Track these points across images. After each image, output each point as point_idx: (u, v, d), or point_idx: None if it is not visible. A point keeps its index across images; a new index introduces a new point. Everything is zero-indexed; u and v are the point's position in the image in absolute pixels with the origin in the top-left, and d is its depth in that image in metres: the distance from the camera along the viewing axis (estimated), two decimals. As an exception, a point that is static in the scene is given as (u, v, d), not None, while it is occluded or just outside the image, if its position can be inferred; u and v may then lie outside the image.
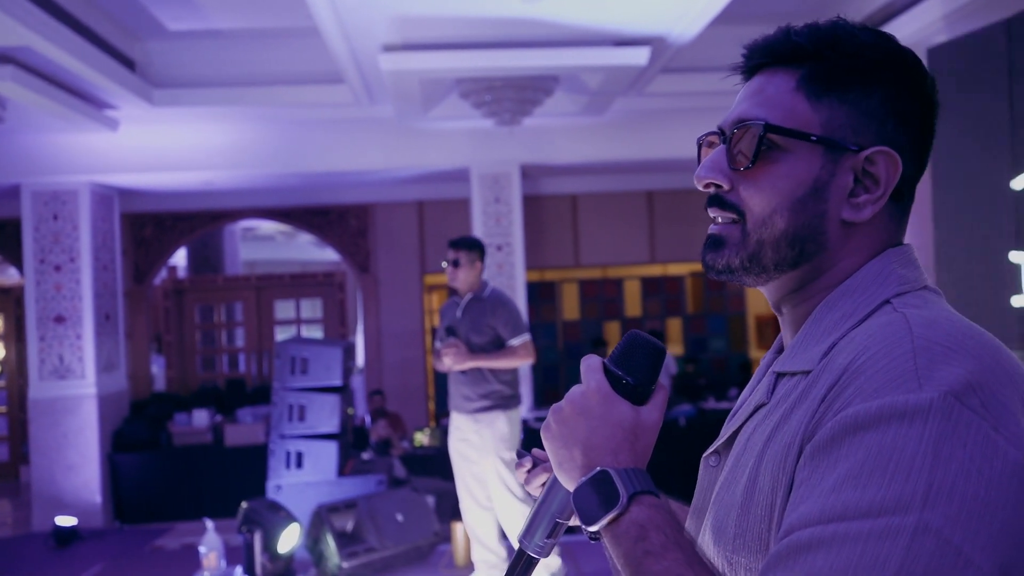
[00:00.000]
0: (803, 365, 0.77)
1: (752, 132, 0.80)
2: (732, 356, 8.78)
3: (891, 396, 0.66)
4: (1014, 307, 3.68)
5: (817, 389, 0.72)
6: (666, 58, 5.01)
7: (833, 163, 0.79)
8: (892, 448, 0.64)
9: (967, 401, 0.65)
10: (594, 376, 0.84)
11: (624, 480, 0.77)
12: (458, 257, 4.09)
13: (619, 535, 0.76)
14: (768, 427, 0.77)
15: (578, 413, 0.82)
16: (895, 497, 0.63)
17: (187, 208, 8.06)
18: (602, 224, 8.41)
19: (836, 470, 0.66)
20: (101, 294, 6.45)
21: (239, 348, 9.17)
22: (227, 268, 10.10)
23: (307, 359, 4.61)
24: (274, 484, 4.61)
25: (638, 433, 0.81)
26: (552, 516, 0.87)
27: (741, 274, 0.83)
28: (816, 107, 0.79)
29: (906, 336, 0.69)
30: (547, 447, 0.84)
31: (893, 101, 0.79)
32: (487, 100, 5.22)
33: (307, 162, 6.47)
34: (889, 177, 0.79)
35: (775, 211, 0.79)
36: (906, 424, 0.64)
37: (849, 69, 0.79)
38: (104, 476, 6.34)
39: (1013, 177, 3.68)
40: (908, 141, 0.80)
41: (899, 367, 0.67)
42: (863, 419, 0.66)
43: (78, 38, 4.41)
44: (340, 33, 4.35)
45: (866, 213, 0.79)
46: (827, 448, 0.68)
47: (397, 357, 8.40)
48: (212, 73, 5.51)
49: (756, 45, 0.84)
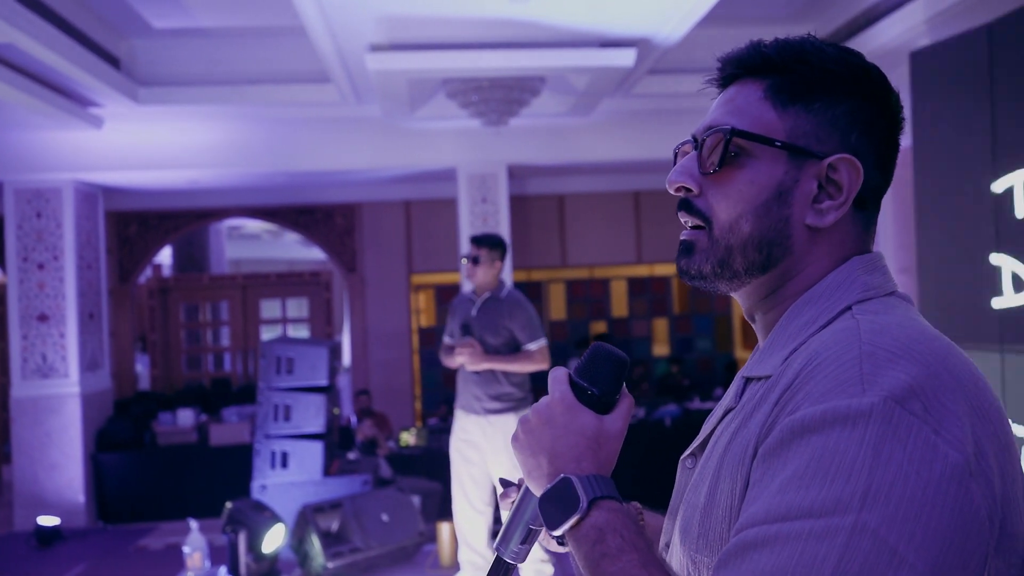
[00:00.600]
0: (766, 370, 0.80)
1: (719, 137, 0.83)
2: (718, 356, 8.83)
3: (835, 400, 0.68)
4: (994, 309, 3.72)
5: (774, 393, 0.75)
6: (652, 59, 5.04)
7: (797, 169, 0.82)
8: (834, 451, 0.66)
9: (908, 405, 0.67)
10: (559, 387, 0.87)
11: (585, 486, 0.80)
12: (479, 254, 4.01)
13: (579, 538, 0.79)
14: (732, 430, 0.79)
15: (543, 423, 0.85)
16: (835, 498, 0.65)
17: (172, 207, 8.02)
18: (589, 224, 8.43)
19: (783, 472, 0.68)
20: (85, 292, 6.41)
21: (224, 347, 9.13)
22: (212, 267, 10.05)
23: (293, 359, 4.60)
24: (259, 484, 4.60)
25: (601, 441, 0.84)
26: (526, 523, 0.90)
27: (713, 280, 0.85)
28: (782, 115, 0.82)
29: (855, 342, 0.72)
30: (516, 456, 0.88)
31: (857, 112, 0.82)
32: (474, 100, 5.23)
33: (294, 161, 6.45)
34: (851, 184, 0.81)
35: (741, 215, 0.82)
36: (848, 427, 0.66)
37: (815, 81, 0.82)
38: (87, 475, 6.30)
39: (994, 180, 3.72)
40: (871, 151, 0.83)
41: (845, 372, 0.70)
42: (809, 422, 0.69)
43: (62, 35, 4.38)
44: (327, 32, 4.35)
45: (829, 219, 0.82)
46: (776, 450, 0.70)
47: (383, 357, 8.39)
48: (198, 71, 5.49)
49: (728, 57, 0.88)
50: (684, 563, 0.81)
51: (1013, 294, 3.65)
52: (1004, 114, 3.67)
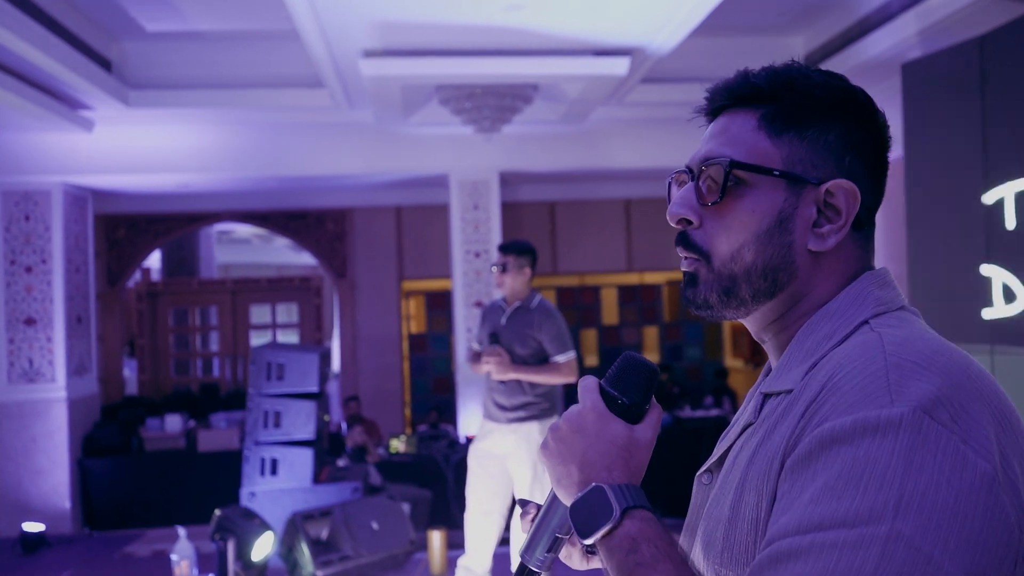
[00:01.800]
0: (787, 384, 0.81)
1: (718, 168, 0.84)
2: (707, 364, 8.84)
3: (864, 411, 0.69)
4: (985, 319, 3.74)
5: (798, 406, 0.76)
6: (646, 68, 5.05)
7: (796, 196, 0.84)
8: (866, 460, 0.67)
9: (937, 415, 0.68)
10: (590, 396, 0.88)
11: (618, 495, 0.81)
12: (506, 262, 3.98)
13: (612, 548, 0.80)
14: (754, 444, 0.80)
15: (574, 431, 0.87)
16: (868, 507, 0.66)
17: (162, 210, 7.97)
18: (580, 232, 8.44)
19: (814, 483, 0.69)
20: (73, 296, 6.36)
21: (213, 352, 9.08)
22: (202, 271, 10.00)
23: (283, 365, 4.57)
24: (248, 491, 4.56)
25: (632, 450, 0.86)
26: (552, 531, 0.90)
27: (720, 308, 0.87)
28: (777, 144, 0.84)
29: (880, 354, 0.73)
30: (546, 464, 0.89)
31: (848, 135, 0.84)
32: (467, 107, 5.23)
33: (285, 166, 6.43)
34: (849, 208, 0.83)
35: (743, 245, 0.84)
36: (879, 437, 0.67)
37: (805, 108, 0.84)
38: (73, 481, 6.24)
39: (985, 191, 3.74)
40: (864, 172, 0.85)
41: (872, 383, 0.71)
42: (838, 433, 0.69)
43: (53, 37, 4.35)
44: (320, 37, 4.34)
45: (830, 242, 0.84)
46: (805, 462, 0.71)
47: (374, 363, 8.36)
48: (190, 75, 5.47)
49: (717, 88, 0.89)
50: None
51: (1003, 304, 3.67)
52: (995, 126, 3.70)
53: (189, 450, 6.42)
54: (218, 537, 3.91)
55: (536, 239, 8.25)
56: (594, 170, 6.90)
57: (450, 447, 6.31)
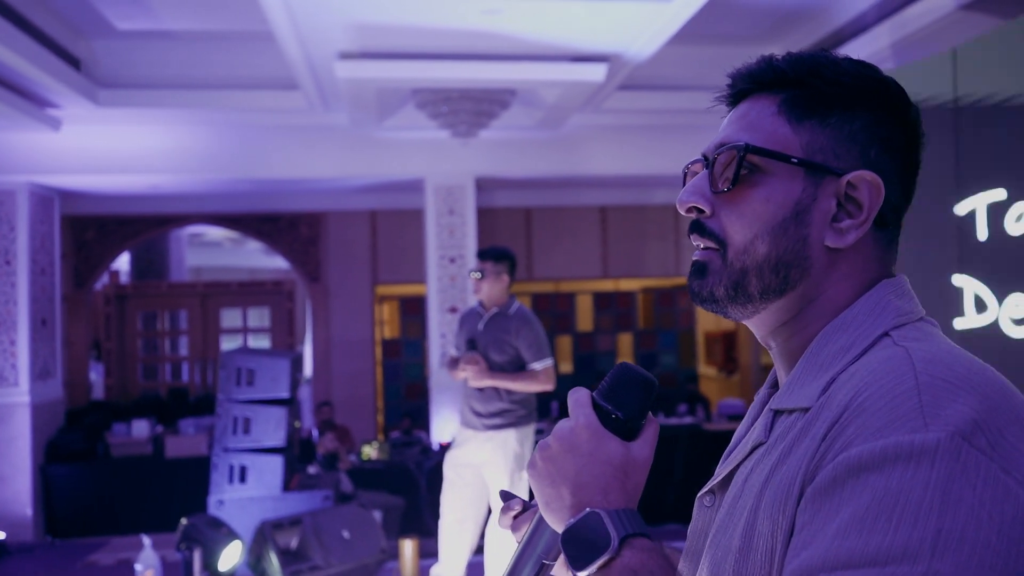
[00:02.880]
0: (801, 402, 0.74)
1: (732, 154, 0.79)
2: (681, 371, 8.86)
3: (896, 436, 0.63)
4: (956, 329, 3.77)
5: (817, 427, 0.69)
6: (623, 75, 5.05)
7: (815, 187, 0.78)
8: (898, 491, 0.61)
9: (975, 441, 0.62)
10: (582, 411, 0.81)
11: (615, 522, 0.74)
12: (484, 268, 3.96)
13: None
14: (767, 467, 0.74)
15: (566, 450, 0.79)
16: (903, 544, 0.60)
17: (131, 212, 7.84)
18: (555, 238, 8.43)
19: (840, 514, 0.63)
20: (38, 298, 6.22)
21: (183, 357, 8.94)
22: (172, 274, 9.85)
23: (253, 370, 4.50)
24: (216, 499, 4.47)
25: (628, 471, 0.78)
26: (539, 557, 0.83)
27: (726, 304, 0.80)
28: (797, 130, 0.78)
29: (909, 372, 0.67)
30: (533, 485, 0.81)
31: (876, 127, 0.78)
32: (443, 111, 5.20)
33: (258, 168, 6.35)
34: (872, 202, 0.77)
35: (756, 236, 0.78)
36: (912, 466, 0.62)
37: (830, 95, 0.78)
38: (36, 488, 6.09)
39: (957, 202, 3.77)
40: (892, 167, 0.79)
41: (903, 405, 0.65)
42: (867, 460, 0.63)
43: (20, 33, 4.26)
44: (296, 39, 4.28)
45: (850, 238, 0.78)
46: (829, 491, 0.65)
47: (346, 368, 8.27)
48: (161, 74, 5.38)
49: (739, 73, 0.83)
50: None
51: (975, 315, 3.70)
52: (967, 137, 3.74)
53: (156, 456, 6.30)
54: (184, 547, 3.83)
55: (512, 245, 8.22)
56: (570, 176, 6.89)
57: (423, 454, 6.25)
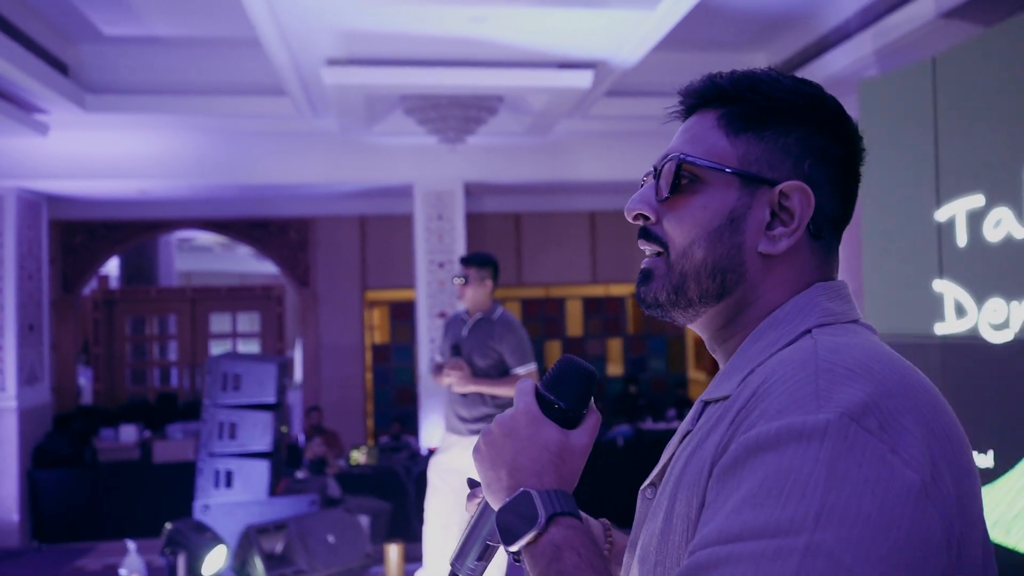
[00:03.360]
0: (725, 391, 0.79)
1: (672, 164, 0.84)
2: (671, 377, 8.89)
3: (790, 417, 0.67)
4: (937, 334, 3.80)
5: (731, 413, 0.74)
6: (609, 82, 5.08)
7: (750, 196, 0.82)
8: (789, 468, 0.65)
9: (864, 422, 0.65)
10: (524, 399, 0.85)
11: (545, 501, 0.78)
12: (468, 274, 3.98)
13: (536, 555, 0.77)
14: (687, 453, 0.78)
15: (505, 435, 0.84)
16: (789, 517, 0.63)
17: (120, 217, 7.83)
18: (545, 243, 8.45)
19: (738, 491, 0.67)
20: (25, 304, 6.21)
21: (172, 362, 8.92)
22: (161, 279, 9.84)
23: (240, 375, 4.50)
24: (202, 504, 4.47)
25: (565, 456, 0.83)
26: (483, 539, 0.87)
27: (669, 309, 0.85)
28: (734, 142, 0.83)
29: (811, 360, 0.71)
30: (477, 468, 0.86)
31: (810, 140, 0.82)
32: (432, 117, 5.21)
33: (247, 174, 6.35)
34: (803, 211, 0.81)
35: (694, 241, 0.82)
36: (803, 444, 0.65)
37: (767, 109, 0.83)
38: (22, 493, 6.07)
39: (937, 208, 3.81)
40: (825, 179, 0.83)
41: (801, 389, 0.68)
42: (763, 440, 0.67)
43: (6, 39, 4.26)
44: (283, 45, 4.29)
45: (781, 246, 0.81)
46: (731, 470, 0.69)
47: (336, 374, 8.27)
48: (149, 80, 5.38)
49: (687, 89, 0.89)
50: None
51: (955, 320, 3.74)
52: (947, 144, 3.77)
53: (144, 461, 6.29)
54: (168, 551, 3.82)
55: (501, 250, 8.25)
56: (559, 182, 6.92)
57: (411, 459, 6.25)
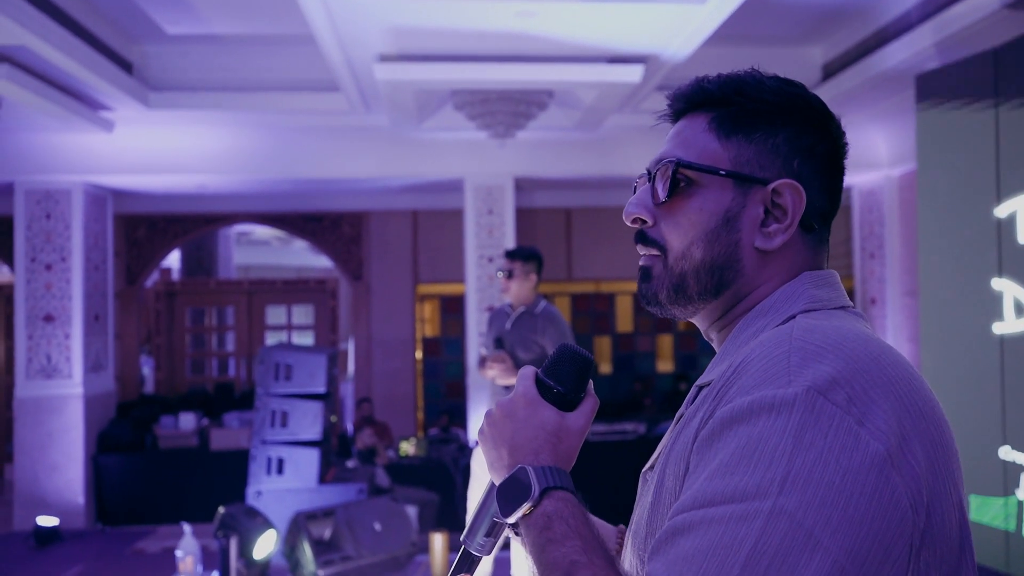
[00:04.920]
0: (715, 376, 0.82)
1: (667, 168, 0.88)
2: (722, 375, 8.78)
3: (763, 391, 0.71)
4: (995, 334, 3.69)
5: (715, 391, 0.78)
6: (660, 76, 5.04)
7: (744, 196, 0.86)
8: (759, 439, 0.69)
9: (831, 396, 0.69)
10: (523, 383, 0.91)
11: (539, 476, 0.83)
12: (512, 268, 4.03)
13: (530, 525, 0.82)
14: (676, 432, 0.83)
15: (505, 416, 0.89)
16: (756, 483, 0.67)
17: (181, 211, 8.06)
18: (595, 239, 8.43)
19: (713, 461, 0.71)
20: (91, 294, 6.45)
21: (229, 352, 9.16)
22: (220, 272, 10.10)
23: (291, 365, 4.61)
24: (254, 490, 4.60)
25: (561, 436, 0.88)
26: (491, 516, 0.91)
27: (668, 306, 0.90)
28: (725, 145, 0.87)
29: (786, 339, 0.75)
30: (481, 448, 0.91)
31: (797, 139, 0.87)
32: (481, 112, 5.25)
33: (301, 168, 6.48)
34: (795, 207, 0.85)
35: (692, 242, 0.87)
36: (772, 416, 0.69)
37: (754, 112, 0.87)
38: (88, 477, 6.31)
39: (997, 205, 3.70)
40: (814, 175, 0.87)
41: (774, 366, 0.73)
42: (738, 413, 0.72)
43: (75, 39, 4.43)
44: (336, 42, 4.38)
45: (776, 241, 0.86)
46: (709, 441, 0.73)
47: (387, 366, 8.39)
48: (208, 77, 5.54)
49: (676, 94, 0.93)
50: (634, 563, 0.83)
51: (1014, 319, 3.62)
52: (1008, 138, 3.66)
53: (201, 448, 6.48)
54: (221, 534, 3.94)
55: (551, 245, 8.26)
56: (609, 177, 6.90)
57: (459, 451, 6.32)
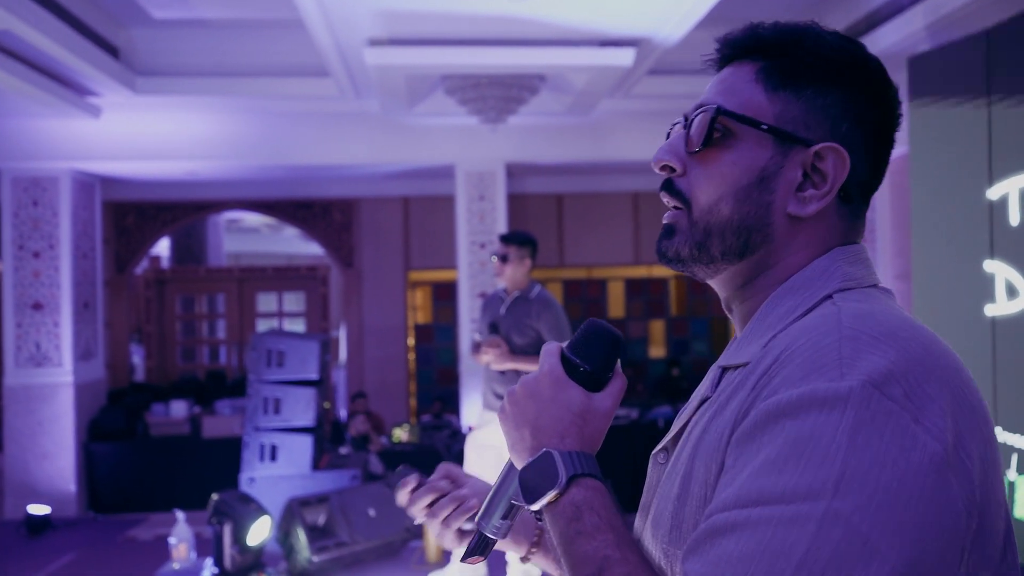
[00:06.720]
0: (744, 358, 0.78)
1: (706, 115, 0.81)
2: (714, 359, 8.77)
3: (813, 383, 0.66)
4: (987, 316, 3.71)
5: (752, 379, 0.73)
6: (652, 60, 5.02)
7: (783, 155, 0.80)
8: (810, 435, 0.64)
9: (887, 391, 0.64)
10: (548, 360, 0.85)
11: (566, 462, 0.78)
12: (507, 252, 4.02)
13: (556, 515, 0.77)
14: (706, 419, 0.78)
15: (529, 395, 0.84)
16: (807, 484, 0.63)
17: (170, 198, 8.01)
18: (587, 224, 8.42)
19: (757, 457, 0.66)
20: (80, 282, 6.40)
21: (220, 340, 9.13)
22: (211, 259, 10.05)
23: (283, 352, 4.59)
24: (247, 476, 4.59)
25: (587, 418, 0.82)
26: (508, 498, 0.88)
27: (690, 263, 0.84)
28: (772, 98, 0.80)
29: (835, 326, 0.70)
30: (502, 428, 0.86)
31: (850, 102, 0.80)
32: (472, 97, 5.22)
33: (292, 155, 6.44)
34: (837, 174, 0.79)
35: (721, 198, 0.81)
36: (825, 411, 0.64)
37: (808, 66, 0.80)
38: (79, 465, 6.29)
39: (989, 187, 3.71)
40: (862, 143, 0.80)
41: (824, 356, 0.67)
42: (785, 406, 0.67)
43: (60, 23, 4.37)
44: (325, 26, 4.34)
45: (811, 208, 0.79)
46: (751, 435, 0.68)
47: (379, 353, 8.38)
48: (197, 62, 5.48)
49: (725, 38, 0.86)
50: (656, 556, 0.79)
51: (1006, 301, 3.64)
52: (1000, 120, 3.66)
53: (193, 436, 6.46)
54: (215, 521, 3.94)
55: (543, 231, 8.24)
56: (601, 162, 6.88)
57: (452, 437, 6.32)
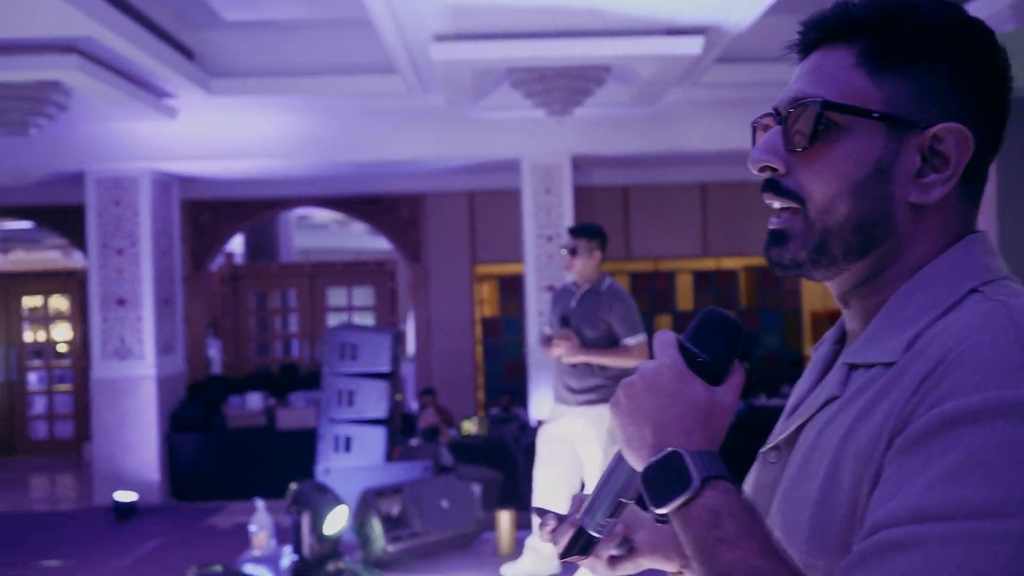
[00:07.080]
0: (883, 356, 0.73)
1: (809, 110, 0.75)
2: (785, 353, 8.62)
3: (995, 390, 0.62)
4: None
5: (906, 381, 0.68)
6: (720, 47, 4.93)
7: (897, 142, 0.75)
8: (996, 446, 0.60)
9: None
10: (668, 352, 0.79)
11: (697, 462, 0.73)
12: (576, 245, 4.01)
13: (690, 520, 0.72)
14: (846, 421, 0.73)
15: (649, 389, 0.78)
16: (998, 499, 0.58)
17: (243, 196, 8.21)
18: (654, 216, 8.33)
19: (932, 467, 0.62)
20: (160, 278, 6.63)
21: (292, 334, 9.34)
22: (282, 255, 10.28)
23: (356, 345, 4.67)
24: (323, 467, 4.69)
25: (711, 414, 0.77)
26: (616, 495, 0.84)
27: (809, 268, 0.78)
28: (877, 83, 0.75)
29: (1009, 327, 0.65)
30: (616, 423, 0.81)
31: (961, 75, 0.74)
32: (538, 90, 5.21)
33: (360, 151, 6.54)
34: (960, 155, 0.74)
35: (836, 196, 0.75)
36: (1013, 421, 0.60)
37: (911, 42, 0.74)
38: (162, 455, 6.53)
39: None
40: (978, 117, 0.75)
41: (1003, 360, 0.63)
42: (963, 413, 0.62)
43: (138, 28, 4.52)
44: (392, 23, 4.38)
45: (935, 194, 0.75)
46: (921, 443, 0.63)
47: (447, 347, 8.45)
48: (267, 62, 5.61)
49: (812, 20, 0.79)
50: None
51: None
52: None
53: (269, 427, 6.64)
54: (293, 510, 4.03)
55: (609, 223, 8.16)
56: (668, 153, 6.79)
57: (520, 430, 6.34)
